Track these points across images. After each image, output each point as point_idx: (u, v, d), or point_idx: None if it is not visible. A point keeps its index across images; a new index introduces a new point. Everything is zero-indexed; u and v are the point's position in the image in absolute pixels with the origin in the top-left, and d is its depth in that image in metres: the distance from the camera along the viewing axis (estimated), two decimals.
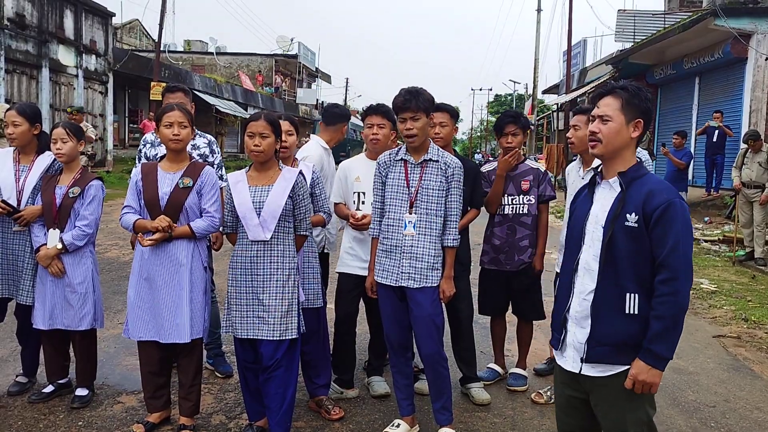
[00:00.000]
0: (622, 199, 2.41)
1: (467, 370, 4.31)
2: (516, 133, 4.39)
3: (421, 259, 3.53)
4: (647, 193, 2.36)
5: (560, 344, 2.56)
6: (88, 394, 4.03)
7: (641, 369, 2.33)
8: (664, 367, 2.34)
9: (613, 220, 2.40)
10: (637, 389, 2.35)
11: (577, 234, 2.53)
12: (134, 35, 40.63)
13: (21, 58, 16.60)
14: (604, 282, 2.41)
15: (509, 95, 64.31)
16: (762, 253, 9.27)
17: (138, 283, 3.60)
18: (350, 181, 4.18)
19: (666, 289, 2.29)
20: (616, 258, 2.38)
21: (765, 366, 5.23)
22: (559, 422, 2.71)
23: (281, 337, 3.41)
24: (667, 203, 2.32)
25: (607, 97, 2.49)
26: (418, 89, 3.56)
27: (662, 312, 2.29)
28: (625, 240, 2.36)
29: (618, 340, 2.39)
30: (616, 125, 2.44)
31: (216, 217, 3.61)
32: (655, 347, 2.31)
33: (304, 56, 44.01)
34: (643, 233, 2.34)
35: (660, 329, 2.30)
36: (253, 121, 3.44)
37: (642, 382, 2.33)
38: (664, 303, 2.29)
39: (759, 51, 13.38)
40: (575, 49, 27.91)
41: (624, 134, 2.45)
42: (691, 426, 4.01)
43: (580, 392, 2.53)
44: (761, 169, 9.18)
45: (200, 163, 3.77)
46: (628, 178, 2.43)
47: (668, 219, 2.31)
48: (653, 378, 2.33)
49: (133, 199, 3.61)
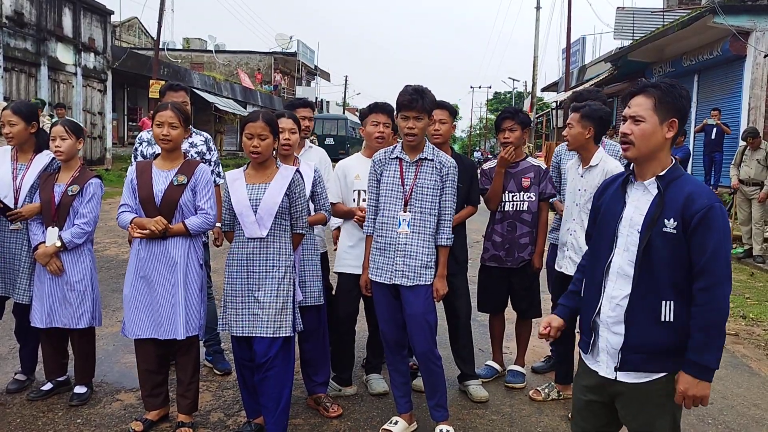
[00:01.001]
0: (660, 203, 2.30)
1: (465, 367, 4.32)
2: (513, 129, 4.40)
3: (415, 257, 3.54)
4: (687, 197, 2.25)
5: (590, 348, 2.48)
6: (87, 391, 4.04)
7: (689, 383, 2.25)
8: (711, 378, 2.25)
9: (650, 225, 2.30)
10: (687, 404, 2.29)
11: (608, 236, 2.43)
12: (133, 33, 40.60)
13: (19, 56, 16.59)
14: (640, 288, 2.32)
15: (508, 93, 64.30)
16: (760, 251, 9.29)
17: (134, 282, 3.60)
18: (349, 180, 4.18)
19: (707, 297, 2.21)
20: (653, 264, 2.29)
21: (763, 363, 5.24)
22: (576, 425, 2.64)
23: (274, 334, 3.41)
24: (708, 208, 2.21)
25: (638, 96, 2.36)
26: (424, 89, 3.56)
27: (705, 321, 2.21)
28: (663, 246, 2.27)
29: (652, 348, 2.32)
30: (650, 126, 2.32)
31: (211, 214, 3.62)
32: (700, 358, 2.23)
33: (303, 54, 44.00)
34: (681, 239, 2.25)
35: (703, 339, 2.21)
36: (251, 122, 3.43)
37: (692, 396, 2.26)
38: (707, 312, 2.20)
39: (758, 48, 13.38)
40: (574, 46, 27.90)
41: (658, 135, 2.32)
42: (688, 423, 4.02)
43: (605, 397, 2.47)
44: (760, 167, 9.19)
45: (194, 161, 3.77)
46: (666, 181, 2.32)
47: (708, 224, 2.21)
48: (703, 391, 2.25)
49: (129, 197, 3.62)
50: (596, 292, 2.46)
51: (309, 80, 49.27)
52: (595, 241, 2.54)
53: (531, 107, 33.57)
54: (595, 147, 4.02)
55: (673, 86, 2.36)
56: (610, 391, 2.44)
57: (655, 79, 9.10)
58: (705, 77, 16.23)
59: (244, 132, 3.48)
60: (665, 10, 20.56)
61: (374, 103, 4.22)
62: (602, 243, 2.47)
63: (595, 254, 2.52)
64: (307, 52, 45.59)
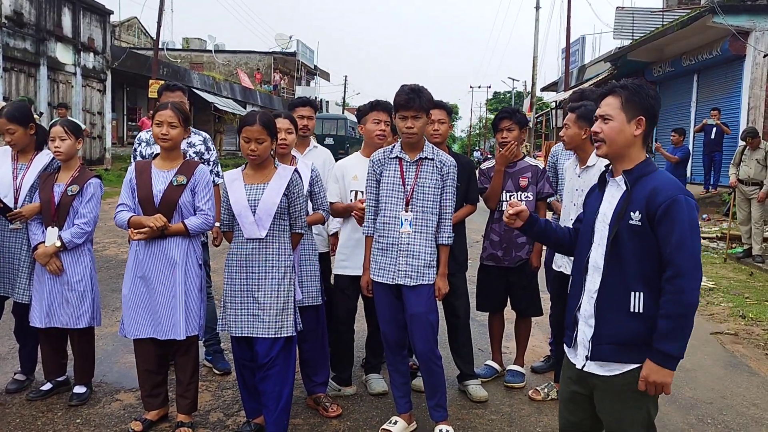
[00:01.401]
0: (627, 198, 2.40)
1: (465, 367, 4.32)
2: (511, 129, 4.41)
3: (418, 256, 3.54)
4: (651, 191, 2.34)
5: (572, 342, 2.57)
6: (86, 391, 4.04)
7: (651, 369, 2.31)
8: (674, 367, 2.31)
9: (617, 218, 2.39)
10: (650, 390, 2.34)
11: (588, 232, 2.53)
12: (132, 33, 40.60)
13: (19, 56, 16.58)
14: (609, 280, 2.41)
15: (508, 93, 64.27)
16: (760, 250, 9.29)
17: (133, 282, 3.60)
18: (347, 180, 4.18)
19: (671, 287, 2.28)
20: (621, 256, 2.37)
21: (762, 363, 5.24)
22: (561, 418, 2.72)
23: (276, 335, 3.41)
24: (671, 200, 2.29)
25: (608, 96, 2.48)
26: (420, 88, 3.56)
27: (669, 311, 2.27)
28: (630, 238, 2.36)
29: (622, 339, 2.38)
30: (618, 124, 2.43)
31: (210, 214, 3.62)
32: (663, 346, 2.28)
33: (302, 54, 43.98)
34: (647, 231, 2.33)
35: (668, 328, 2.27)
36: (248, 125, 3.40)
37: (653, 382, 2.32)
38: (670, 301, 2.27)
39: (757, 48, 13.39)
40: (574, 46, 27.90)
41: (626, 133, 2.43)
42: (688, 422, 4.03)
43: (586, 389, 2.54)
44: (759, 166, 9.18)
45: (194, 161, 3.77)
46: (633, 176, 2.42)
47: (672, 216, 2.28)
48: (664, 378, 2.31)
49: (127, 196, 3.62)
50: (579, 287, 2.56)
51: (308, 80, 49.26)
52: (579, 238, 2.64)
53: (530, 107, 33.56)
54: (591, 147, 4.02)
55: (641, 86, 2.47)
56: (589, 384, 2.52)
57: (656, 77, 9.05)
58: (704, 77, 16.24)
59: (241, 135, 3.45)
60: (665, 10, 20.56)
61: (375, 100, 4.22)
62: (584, 239, 2.58)
63: (578, 250, 2.61)
64: (307, 51, 45.57)
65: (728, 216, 10.49)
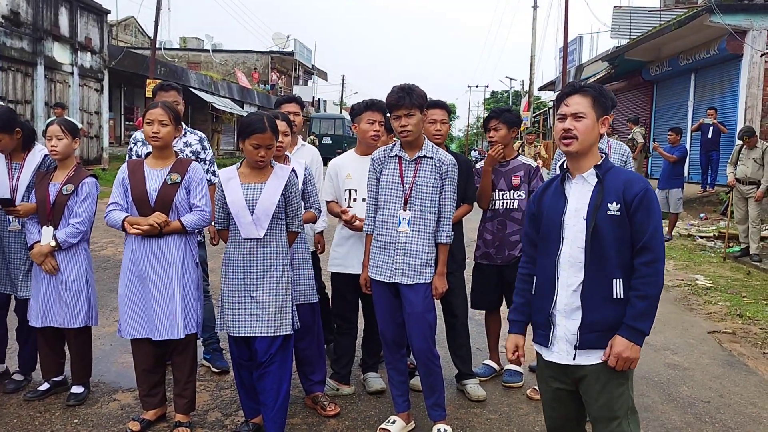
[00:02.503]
0: (601, 190, 2.52)
1: (462, 366, 4.32)
2: (498, 128, 4.45)
3: (415, 255, 3.54)
4: (625, 182, 2.50)
5: (548, 340, 2.64)
6: (84, 391, 4.03)
7: (625, 346, 2.45)
8: (642, 343, 2.48)
9: (595, 210, 2.50)
10: (619, 366, 2.47)
11: (555, 231, 2.60)
12: (130, 32, 40.56)
13: (16, 55, 16.53)
14: (592, 271, 2.51)
15: (506, 92, 64.27)
16: (757, 249, 9.30)
17: (129, 281, 3.59)
18: (341, 179, 4.18)
19: (650, 271, 2.45)
20: (602, 247, 2.49)
21: (759, 361, 5.25)
22: (548, 418, 2.80)
23: (275, 333, 3.41)
24: (644, 190, 2.47)
25: (575, 95, 2.59)
26: (410, 86, 3.56)
27: (647, 292, 2.44)
28: (609, 228, 2.48)
29: (607, 325, 2.50)
30: (590, 121, 2.56)
31: (206, 211, 3.62)
32: (638, 324, 2.45)
33: (300, 53, 43.95)
34: (624, 220, 2.47)
35: (645, 307, 2.45)
36: (259, 133, 3.35)
37: (626, 358, 2.46)
38: (649, 284, 2.45)
39: (754, 47, 13.41)
40: (571, 45, 27.88)
41: (596, 130, 2.58)
42: (685, 421, 4.03)
43: (568, 384, 2.62)
44: (756, 166, 9.20)
45: (186, 159, 3.77)
46: (603, 170, 2.56)
47: (647, 206, 2.46)
48: (635, 353, 2.47)
49: (119, 195, 3.59)
50: (550, 285, 2.61)
51: (306, 79, 49.24)
52: (542, 239, 2.68)
53: (528, 106, 33.58)
54: None
55: (603, 89, 2.66)
56: (573, 378, 2.59)
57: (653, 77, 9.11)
58: (702, 76, 16.26)
59: (248, 140, 3.38)
60: (662, 9, 20.57)
61: (370, 100, 4.21)
62: (550, 238, 2.62)
63: (543, 251, 2.66)
64: (304, 51, 45.54)
65: (726, 215, 10.50)
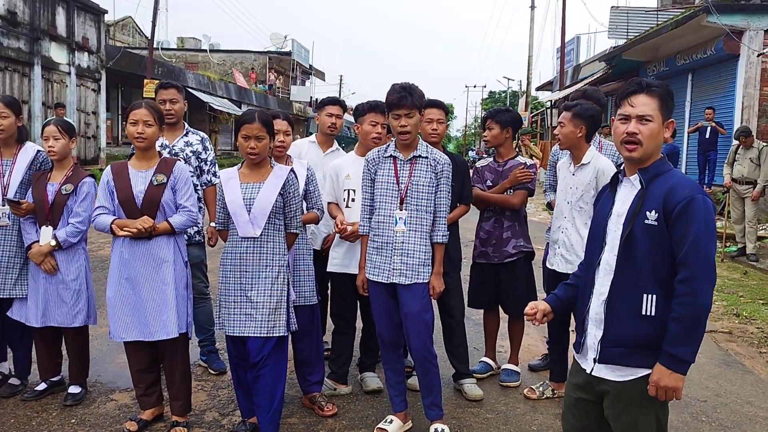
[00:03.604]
0: (642, 196, 2.31)
1: (460, 366, 4.32)
2: (491, 127, 4.49)
3: (412, 255, 3.54)
4: (669, 189, 2.25)
5: (581, 347, 2.49)
6: (81, 391, 4.03)
7: (662, 374, 2.23)
8: (686, 371, 2.23)
9: (632, 217, 2.30)
10: (660, 395, 2.26)
11: (599, 234, 2.44)
12: (127, 32, 40.49)
13: (13, 55, 16.50)
14: (620, 281, 2.33)
15: (503, 92, 64.30)
16: (753, 249, 9.33)
17: (119, 284, 3.57)
18: (341, 179, 4.18)
19: (684, 289, 2.19)
20: (635, 257, 2.29)
21: (756, 361, 5.27)
22: (565, 422, 2.64)
23: (268, 334, 3.40)
24: (689, 199, 2.21)
25: (641, 95, 2.33)
26: (411, 86, 3.57)
27: (681, 313, 2.19)
28: (644, 238, 2.27)
29: (632, 342, 2.31)
30: (657, 126, 2.32)
31: (193, 211, 3.62)
32: (674, 350, 2.20)
33: (297, 53, 43.91)
34: (663, 231, 2.24)
35: (679, 331, 2.19)
36: (248, 123, 3.40)
37: (664, 387, 2.23)
38: (683, 304, 2.19)
39: (751, 47, 13.42)
40: (569, 45, 27.92)
41: (661, 135, 2.34)
42: (682, 420, 4.04)
43: (593, 395, 2.45)
44: (753, 165, 9.23)
45: (171, 159, 3.75)
46: (649, 175, 2.33)
47: (689, 216, 2.20)
48: (675, 383, 2.22)
49: (105, 199, 3.57)
50: (589, 291, 2.47)
51: (304, 80, 49.19)
52: (589, 241, 2.55)
53: (526, 106, 33.59)
54: (586, 145, 4.05)
55: (670, 89, 2.37)
56: (597, 390, 2.43)
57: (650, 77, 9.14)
58: (699, 76, 16.27)
59: (240, 133, 3.44)
60: (659, 10, 20.60)
61: (374, 101, 4.21)
62: (595, 242, 2.49)
63: (588, 254, 2.53)
64: (302, 51, 45.50)
65: (722, 215, 10.52)
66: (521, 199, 4.46)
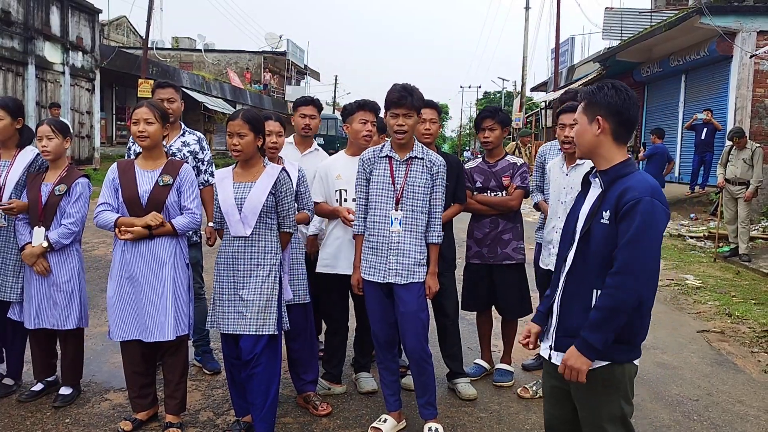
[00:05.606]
0: (600, 197, 2.43)
1: (453, 365, 4.34)
2: (493, 128, 4.46)
3: (408, 255, 3.56)
4: (623, 190, 2.35)
5: (545, 335, 2.64)
6: (72, 393, 4.01)
7: (572, 354, 2.35)
8: (593, 357, 2.33)
9: (590, 217, 2.43)
10: (566, 375, 2.38)
11: (570, 233, 2.57)
12: (121, 32, 40.38)
13: (6, 55, 16.45)
14: (574, 275, 2.46)
15: (498, 93, 64.39)
16: (746, 249, 9.38)
17: (119, 283, 3.57)
18: (331, 179, 4.18)
19: (610, 281, 2.29)
20: (588, 254, 2.41)
21: (747, 360, 5.30)
22: (546, 413, 2.76)
23: (258, 332, 3.41)
24: (637, 200, 2.29)
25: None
26: (412, 86, 3.60)
27: (601, 303, 2.30)
28: (598, 237, 2.38)
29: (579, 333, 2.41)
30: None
31: (197, 213, 3.62)
32: (587, 335, 2.31)
33: (293, 53, 43.88)
34: (613, 229, 2.34)
35: (596, 319, 2.30)
36: (231, 120, 3.47)
37: (570, 367, 2.35)
38: (605, 295, 2.29)
39: (744, 49, 13.49)
40: (563, 46, 28.00)
41: (588, 133, 2.47)
42: (674, 419, 4.07)
43: (563, 383, 2.55)
44: (746, 166, 9.28)
45: (178, 160, 3.76)
46: (609, 177, 2.44)
47: (633, 215, 2.28)
48: (580, 365, 2.33)
49: (109, 196, 3.58)
50: (556, 282, 2.60)
51: (299, 80, 49.16)
52: (561, 238, 2.67)
53: (520, 107, 33.66)
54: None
55: (601, 87, 2.48)
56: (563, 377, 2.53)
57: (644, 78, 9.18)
58: (692, 77, 16.35)
59: (226, 131, 3.51)
60: (653, 11, 20.68)
61: (363, 100, 4.22)
62: (565, 237, 2.60)
63: (560, 251, 2.65)
64: (297, 51, 45.47)
65: (715, 215, 10.57)
66: (520, 200, 4.48)
